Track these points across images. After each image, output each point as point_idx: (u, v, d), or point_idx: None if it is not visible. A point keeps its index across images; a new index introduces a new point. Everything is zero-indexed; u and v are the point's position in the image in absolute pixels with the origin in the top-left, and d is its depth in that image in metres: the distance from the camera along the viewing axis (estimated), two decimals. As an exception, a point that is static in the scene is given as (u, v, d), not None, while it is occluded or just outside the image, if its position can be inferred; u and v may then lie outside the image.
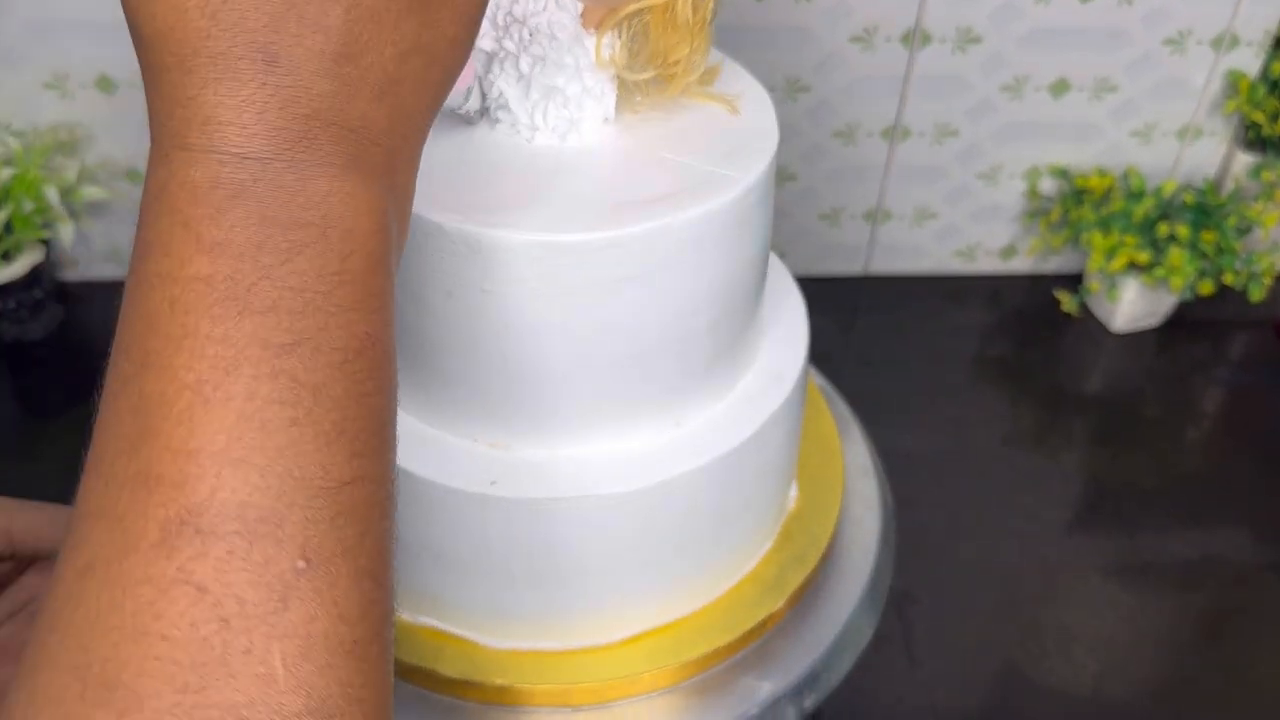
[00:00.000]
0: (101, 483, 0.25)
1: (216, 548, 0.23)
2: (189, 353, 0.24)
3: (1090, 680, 0.98)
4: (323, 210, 0.26)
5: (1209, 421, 1.28)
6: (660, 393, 0.64)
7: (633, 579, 0.68)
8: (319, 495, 0.24)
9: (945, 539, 1.09)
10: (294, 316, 0.25)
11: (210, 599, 0.23)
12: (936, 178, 1.36)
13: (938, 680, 0.97)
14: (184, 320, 0.24)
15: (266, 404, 0.24)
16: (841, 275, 1.42)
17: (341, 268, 0.26)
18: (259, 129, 0.25)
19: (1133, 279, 1.30)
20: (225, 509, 0.23)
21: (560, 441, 0.64)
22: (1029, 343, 1.36)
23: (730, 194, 0.57)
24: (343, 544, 0.25)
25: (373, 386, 0.26)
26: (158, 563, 0.23)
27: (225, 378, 0.24)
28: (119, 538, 0.23)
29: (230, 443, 0.24)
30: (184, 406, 0.24)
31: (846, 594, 0.78)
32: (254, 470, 0.24)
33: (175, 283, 0.25)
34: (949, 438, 1.21)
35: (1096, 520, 1.13)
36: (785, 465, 0.75)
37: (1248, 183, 1.35)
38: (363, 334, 0.26)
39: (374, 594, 0.25)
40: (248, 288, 0.24)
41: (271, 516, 0.23)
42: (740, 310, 0.65)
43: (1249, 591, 1.06)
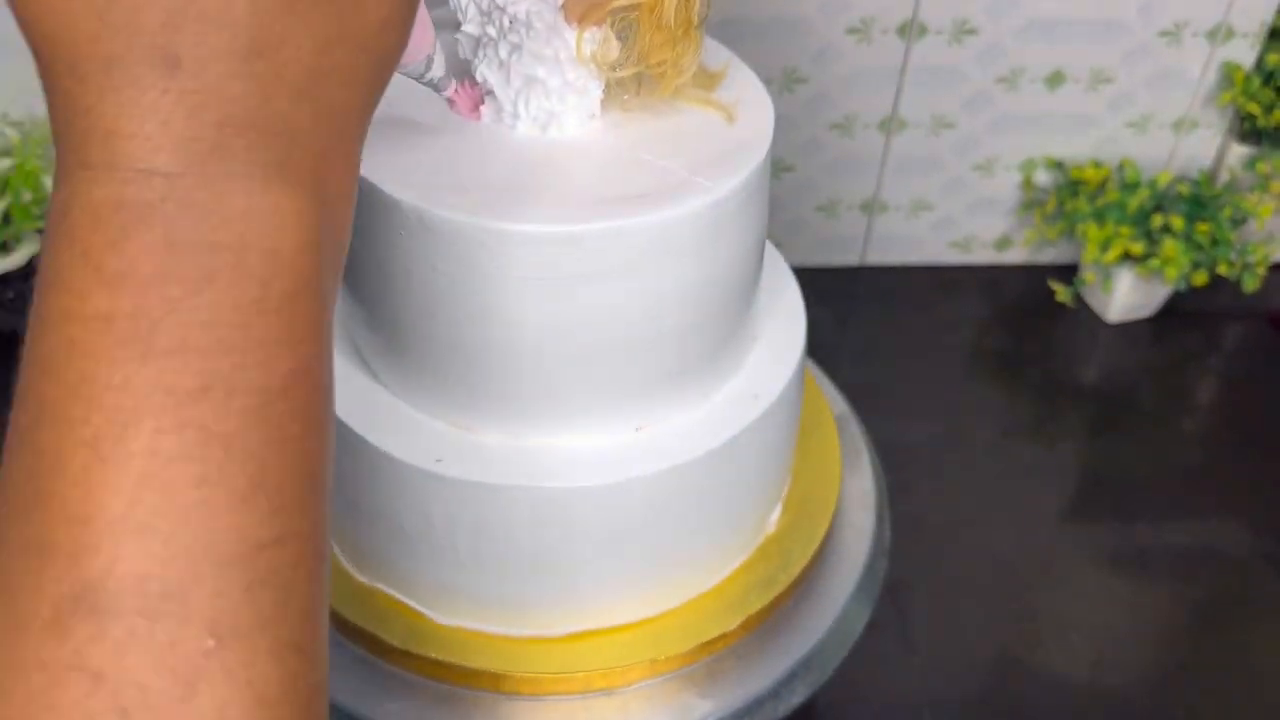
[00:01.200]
0: (2, 549, 0.22)
1: (114, 628, 0.20)
2: (85, 402, 0.21)
3: (1086, 668, 0.98)
4: (239, 229, 0.22)
5: (1204, 412, 1.28)
6: (620, 393, 0.64)
7: (637, 565, 0.69)
8: (231, 563, 0.22)
9: (941, 529, 1.10)
10: (204, 356, 0.22)
11: (108, 687, 0.20)
12: (932, 169, 1.36)
13: (934, 669, 0.97)
14: (81, 365, 0.22)
15: (170, 461, 0.21)
16: (838, 266, 1.43)
17: (262, 295, 0.23)
18: (164, 140, 0.22)
19: (1127, 270, 1.31)
20: (123, 584, 0.21)
21: (519, 430, 0.64)
22: (1024, 334, 1.36)
23: (700, 202, 0.56)
24: (259, 615, 0.22)
25: (298, 430, 0.23)
26: (49, 645, 0.20)
27: (124, 432, 0.21)
28: (10, 615, 0.21)
29: (129, 508, 0.21)
30: (80, 466, 0.21)
31: (842, 583, 0.78)
32: (156, 539, 0.21)
33: (74, 321, 0.22)
34: (944, 428, 1.22)
35: (1092, 510, 1.14)
36: (766, 475, 0.73)
37: (1242, 174, 1.36)
38: (286, 371, 0.23)
39: (298, 668, 0.23)
40: (151, 326, 0.22)
41: (176, 591, 0.21)
42: (715, 318, 0.64)
43: (1244, 581, 1.07)
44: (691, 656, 0.71)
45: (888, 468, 0.90)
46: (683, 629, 0.71)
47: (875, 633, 0.99)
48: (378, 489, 0.65)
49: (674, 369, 0.64)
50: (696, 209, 0.57)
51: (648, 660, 0.70)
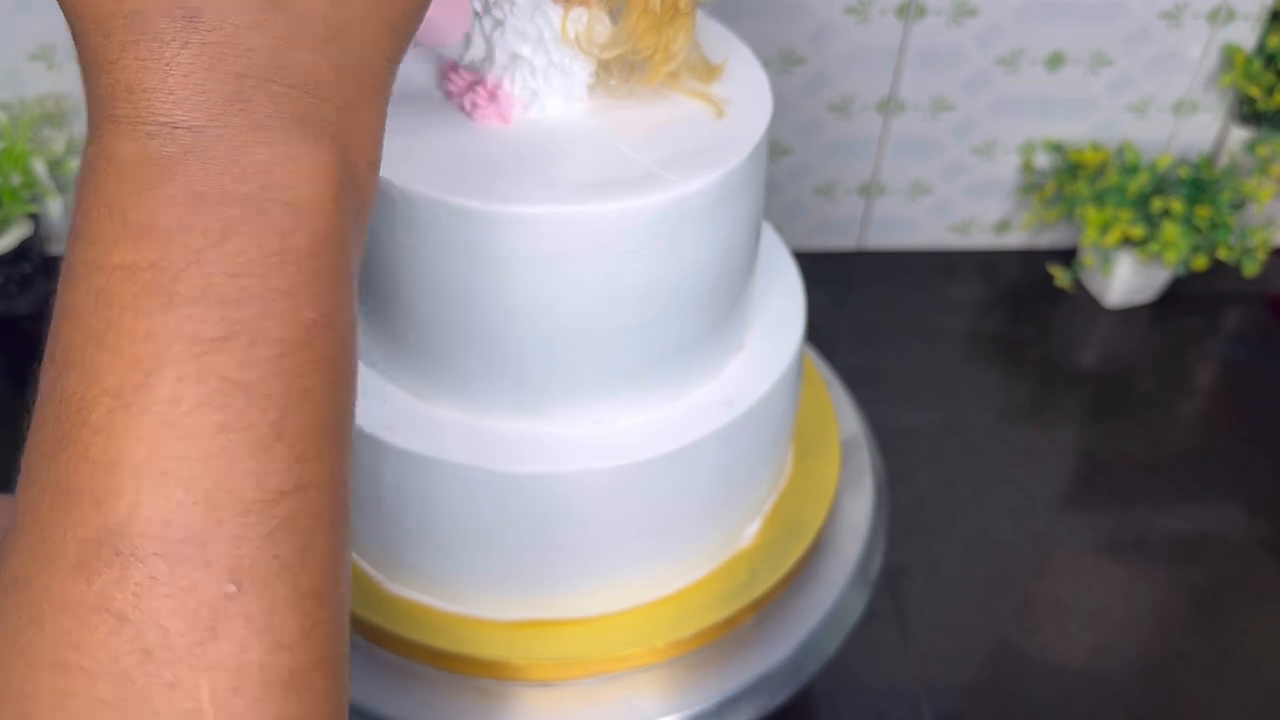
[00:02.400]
0: (33, 488, 0.23)
1: (136, 572, 0.21)
2: (110, 351, 0.22)
3: (1083, 654, 0.98)
4: (260, 181, 0.23)
5: (1202, 396, 1.28)
6: (584, 384, 0.63)
7: (640, 549, 0.68)
8: (251, 509, 0.22)
9: (939, 514, 1.09)
10: (226, 306, 0.22)
11: (130, 629, 0.21)
12: (931, 152, 1.35)
13: (931, 654, 0.97)
14: (106, 314, 0.22)
15: (193, 408, 0.22)
16: (836, 250, 1.42)
17: (282, 246, 0.23)
18: (187, 93, 0.22)
19: (1126, 254, 1.30)
20: (146, 529, 0.21)
21: (536, 417, 0.64)
22: (1022, 318, 1.36)
23: (663, 196, 0.56)
24: (280, 562, 0.22)
25: (319, 380, 0.24)
26: (76, 587, 0.21)
27: (147, 380, 0.22)
28: (40, 553, 0.22)
29: (152, 454, 0.21)
30: (103, 413, 0.22)
31: (839, 569, 0.78)
32: (178, 484, 0.21)
33: (100, 272, 0.22)
34: (943, 413, 1.21)
35: (1090, 495, 1.13)
36: (783, 434, 0.74)
37: (1243, 157, 1.35)
38: (308, 320, 0.23)
39: (318, 614, 0.23)
40: (174, 276, 0.22)
41: (197, 536, 0.21)
42: (682, 315, 0.63)
43: (1241, 566, 1.07)
44: (690, 643, 0.71)
45: (885, 452, 0.90)
46: (682, 615, 0.71)
47: (872, 619, 0.98)
48: (416, 493, 0.65)
49: (638, 364, 0.64)
50: (659, 202, 0.56)
51: (646, 646, 0.69)
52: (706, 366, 0.67)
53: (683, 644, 0.70)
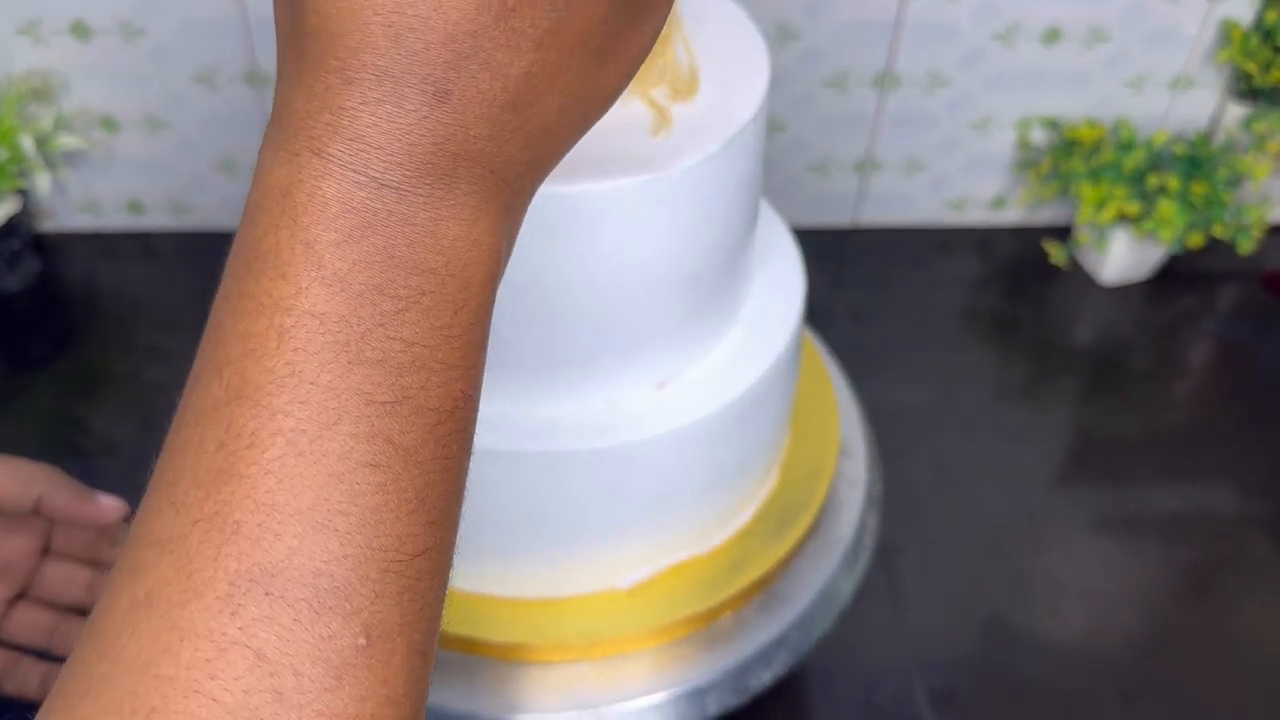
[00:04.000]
0: (172, 510, 0.23)
1: (283, 615, 0.22)
2: (290, 395, 0.23)
3: (1076, 630, 0.98)
4: (447, 256, 0.24)
5: (1196, 374, 1.28)
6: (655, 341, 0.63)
7: (639, 527, 0.68)
8: (390, 569, 0.23)
9: (932, 491, 1.09)
10: (401, 372, 0.23)
11: (268, 668, 0.21)
12: (927, 127, 1.34)
13: (924, 631, 0.97)
14: (291, 358, 0.23)
15: (359, 466, 0.23)
16: (830, 227, 1.41)
17: (452, 321, 0.24)
18: (406, 159, 0.23)
19: (1122, 231, 1.30)
20: (299, 575, 0.22)
21: (542, 397, 0.64)
22: (1018, 295, 1.35)
23: (663, 171, 0.56)
24: (403, 620, 0.23)
25: (458, 449, 0.25)
26: (220, 617, 0.22)
27: (324, 431, 0.22)
28: (184, 579, 0.22)
29: (316, 504, 0.22)
30: (275, 455, 0.22)
31: (833, 546, 0.78)
32: (335, 537, 0.22)
33: (288, 312, 0.23)
34: (937, 390, 1.21)
35: (1083, 473, 1.13)
36: (782, 409, 0.74)
37: (1239, 134, 1.34)
38: (459, 393, 0.25)
39: (420, 669, 0.24)
40: (362, 334, 0.23)
41: (343, 589, 0.22)
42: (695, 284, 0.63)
43: (1234, 543, 1.07)
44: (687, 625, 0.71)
45: (879, 430, 0.90)
46: (672, 596, 0.71)
47: (866, 596, 0.99)
48: None
49: (641, 341, 0.63)
50: (659, 177, 0.56)
51: (635, 626, 0.69)
52: (708, 341, 0.67)
53: (679, 622, 0.70)
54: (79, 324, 1.23)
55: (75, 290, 1.27)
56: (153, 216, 1.32)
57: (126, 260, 1.30)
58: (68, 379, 1.16)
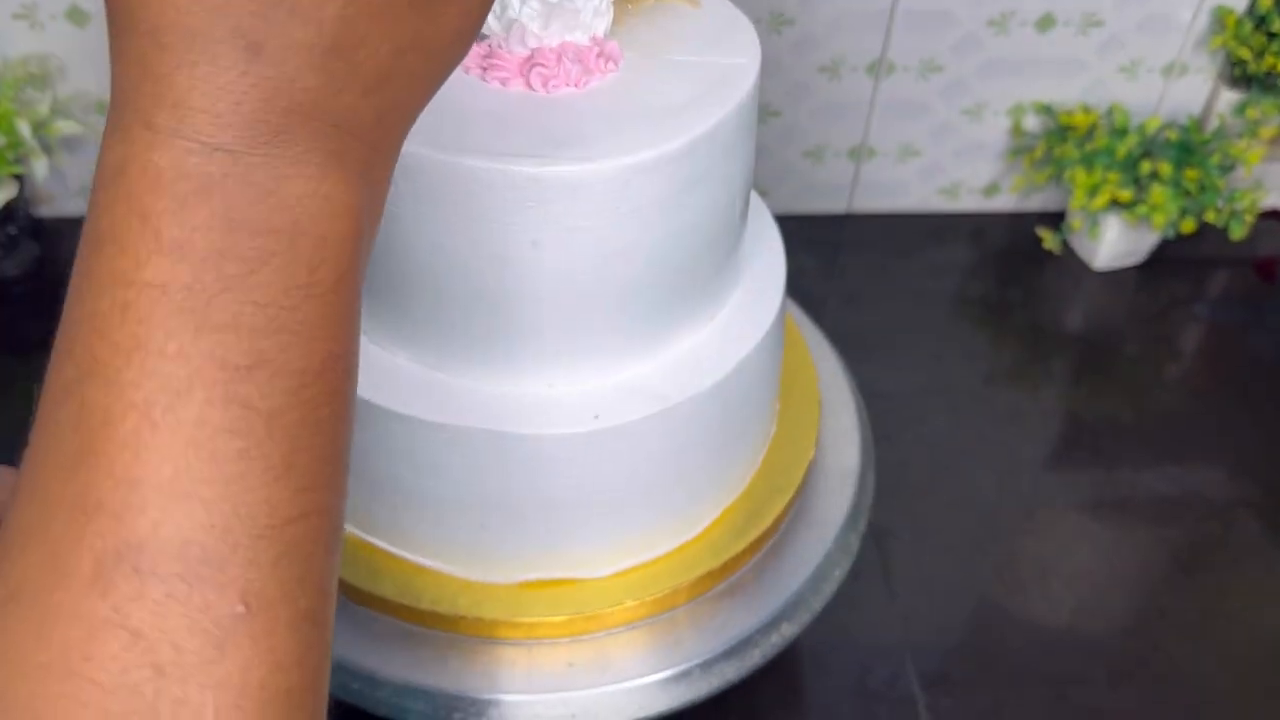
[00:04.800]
0: (35, 503, 0.23)
1: (155, 589, 0.21)
2: (138, 368, 0.22)
3: (1066, 612, 0.99)
4: (294, 215, 0.23)
5: (1188, 359, 1.29)
6: (598, 340, 0.64)
7: (633, 505, 0.69)
8: (263, 535, 0.23)
9: (925, 475, 1.10)
10: (255, 335, 0.23)
11: (144, 644, 0.21)
12: (921, 114, 1.35)
13: (915, 612, 0.98)
14: (136, 330, 0.22)
15: (217, 432, 0.22)
16: (824, 214, 1.42)
17: (309, 280, 0.24)
18: (234, 119, 0.23)
19: (1115, 216, 1.30)
20: (167, 547, 0.22)
21: (534, 379, 0.64)
22: (1011, 281, 1.36)
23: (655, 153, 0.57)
24: (283, 587, 0.23)
25: (328, 412, 0.24)
26: (90, 600, 0.21)
27: (176, 400, 0.22)
28: (50, 567, 0.22)
29: (177, 474, 0.22)
30: (130, 429, 0.22)
31: (825, 529, 0.79)
32: (199, 506, 0.22)
33: (129, 286, 0.22)
34: (930, 375, 1.22)
35: (1075, 457, 1.14)
36: (768, 390, 0.75)
37: (1232, 120, 1.35)
38: (324, 354, 0.24)
39: (312, 637, 0.24)
40: (208, 300, 0.22)
41: (214, 558, 0.22)
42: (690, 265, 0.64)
43: (1223, 526, 1.08)
44: (669, 601, 0.71)
45: (873, 415, 0.90)
46: (664, 574, 0.72)
47: (857, 579, 0.99)
48: (402, 455, 0.65)
49: (633, 324, 0.64)
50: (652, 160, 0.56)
51: (626, 604, 0.70)
52: (698, 322, 0.68)
53: (671, 599, 0.71)
54: (76, 309, 1.24)
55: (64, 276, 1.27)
56: (149, 202, 1.32)
57: (123, 246, 1.30)
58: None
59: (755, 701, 0.90)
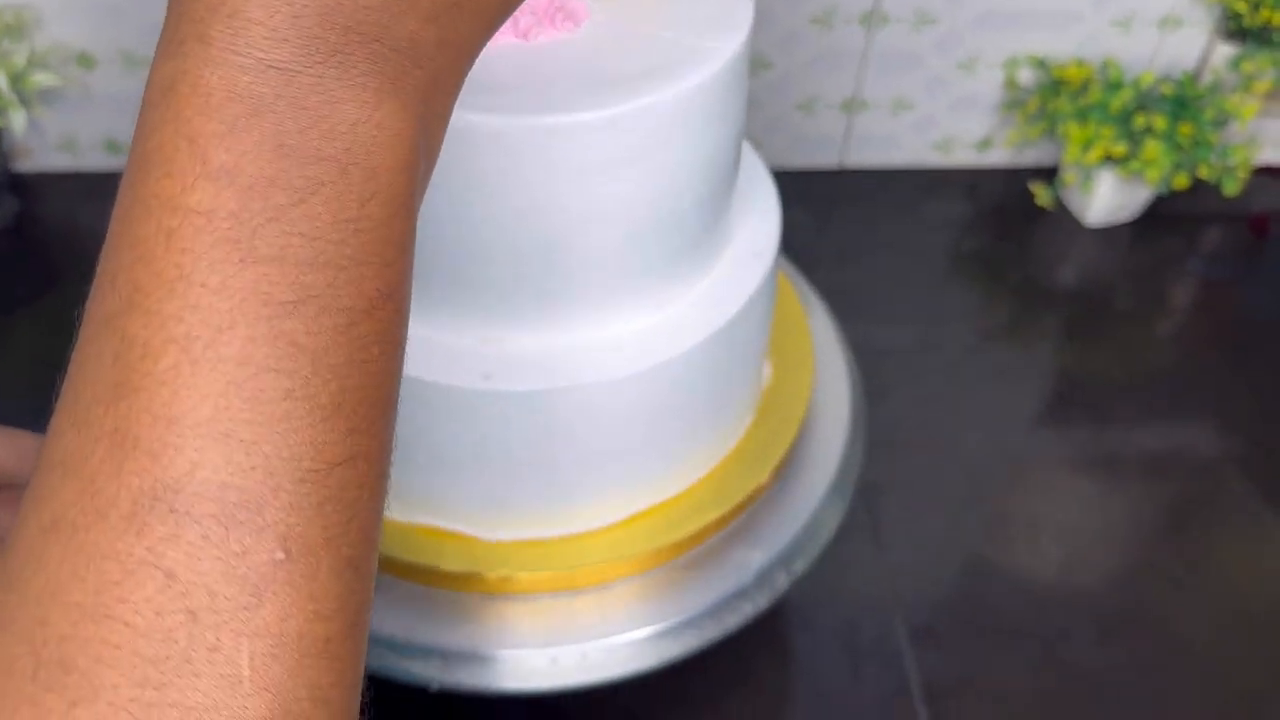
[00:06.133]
0: (74, 429, 0.22)
1: (190, 531, 0.21)
2: (180, 300, 0.21)
3: (1054, 567, 1.00)
4: (346, 142, 0.22)
5: (1179, 315, 1.28)
6: (595, 293, 0.63)
7: (628, 460, 0.69)
8: (307, 479, 0.22)
9: (916, 431, 1.10)
10: (301, 269, 0.22)
11: (179, 588, 0.21)
12: (914, 66, 1.33)
13: (904, 568, 0.98)
14: (179, 260, 0.21)
15: (261, 371, 0.21)
16: (817, 169, 1.40)
17: (359, 214, 0.23)
18: (290, 34, 0.22)
19: (1108, 172, 1.29)
20: (204, 489, 0.21)
21: (554, 330, 0.64)
22: (1004, 237, 1.35)
23: (649, 100, 0.56)
24: (326, 532, 0.22)
25: (378, 351, 0.23)
26: (126, 538, 0.21)
27: (218, 336, 0.21)
28: (87, 500, 0.21)
29: (216, 413, 0.21)
30: (169, 364, 0.21)
31: (816, 485, 0.78)
32: (239, 447, 0.21)
33: (173, 211, 0.22)
34: (922, 332, 1.21)
35: (1065, 413, 1.14)
36: (762, 342, 0.75)
37: (1227, 75, 1.34)
38: (373, 291, 0.23)
39: (354, 584, 0.23)
40: (253, 230, 0.21)
41: (253, 501, 0.21)
42: (685, 217, 0.63)
43: (1212, 482, 1.08)
44: (661, 557, 0.71)
45: (864, 371, 0.90)
46: (653, 531, 0.72)
47: (848, 534, 0.99)
48: (426, 421, 0.65)
49: (640, 272, 0.63)
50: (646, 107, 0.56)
51: (617, 561, 0.70)
52: (698, 271, 0.67)
53: (662, 554, 0.71)
54: (60, 265, 1.22)
55: (55, 231, 1.26)
56: (131, 156, 1.30)
57: (107, 200, 1.27)
58: (49, 320, 1.16)
59: (744, 656, 0.90)
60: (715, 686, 0.89)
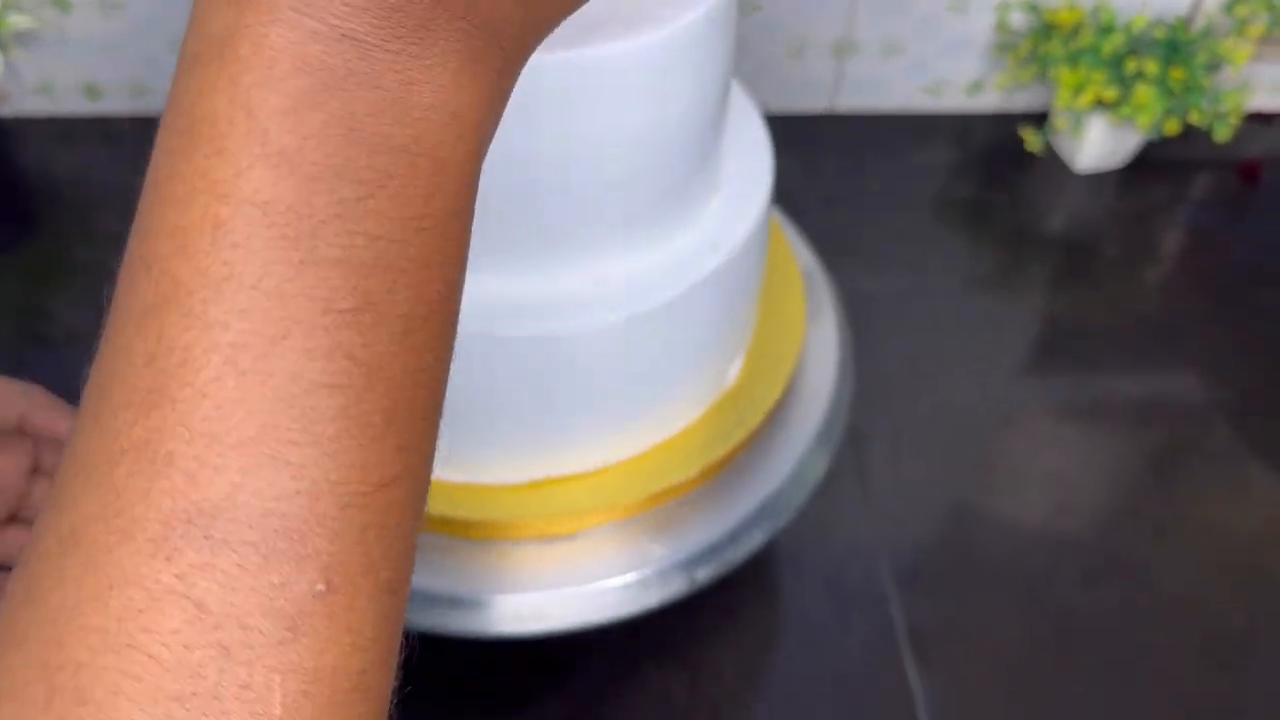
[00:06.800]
0: (99, 433, 0.20)
1: (225, 560, 0.19)
2: (228, 304, 0.19)
3: (1039, 514, 1.00)
4: (417, 130, 0.20)
5: (1168, 263, 1.28)
6: (577, 239, 0.63)
7: (620, 405, 0.69)
8: (352, 503, 0.20)
9: (903, 379, 1.10)
10: (362, 274, 0.19)
11: (211, 620, 0.19)
12: (905, 8, 1.31)
13: (891, 514, 0.99)
14: (229, 256, 0.19)
15: (314, 387, 0.19)
16: (806, 113, 1.39)
17: (423, 211, 0.20)
18: (370, 3, 0.19)
19: (1099, 117, 1.28)
20: (243, 515, 0.19)
21: (546, 275, 0.63)
22: (992, 183, 1.35)
23: (642, 40, 0.55)
24: (367, 559, 0.20)
25: (432, 360, 0.22)
26: (154, 563, 0.19)
27: (270, 348, 0.19)
28: (112, 517, 0.19)
29: (262, 433, 0.19)
30: (212, 375, 0.19)
31: (802, 432, 0.79)
32: (285, 471, 0.19)
33: (224, 200, 0.19)
34: (910, 279, 1.21)
35: (1053, 360, 1.14)
36: (755, 285, 0.74)
37: (1219, 18, 1.32)
38: (433, 296, 0.21)
39: (390, 610, 0.21)
40: (315, 227, 0.19)
41: (295, 530, 0.19)
42: (672, 160, 0.62)
43: (1198, 429, 1.09)
44: (650, 502, 0.71)
45: (852, 318, 0.90)
46: (642, 476, 0.72)
47: (834, 481, 1.00)
48: None
49: (629, 215, 0.63)
50: (640, 45, 0.55)
51: (606, 506, 0.70)
52: (687, 214, 0.67)
53: (650, 501, 0.71)
54: (38, 211, 1.21)
55: (33, 177, 1.24)
56: (110, 100, 1.28)
57: (85, 146, 1.27)
58: (29, 268, 1.14)
59: (732, 601, 0.91)
60: (703, 630, 0.90)
